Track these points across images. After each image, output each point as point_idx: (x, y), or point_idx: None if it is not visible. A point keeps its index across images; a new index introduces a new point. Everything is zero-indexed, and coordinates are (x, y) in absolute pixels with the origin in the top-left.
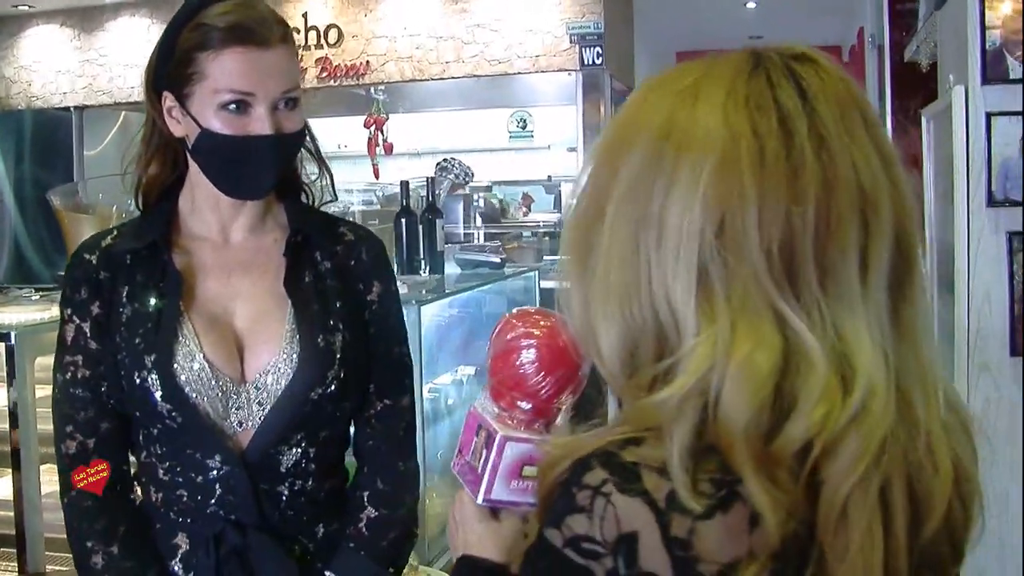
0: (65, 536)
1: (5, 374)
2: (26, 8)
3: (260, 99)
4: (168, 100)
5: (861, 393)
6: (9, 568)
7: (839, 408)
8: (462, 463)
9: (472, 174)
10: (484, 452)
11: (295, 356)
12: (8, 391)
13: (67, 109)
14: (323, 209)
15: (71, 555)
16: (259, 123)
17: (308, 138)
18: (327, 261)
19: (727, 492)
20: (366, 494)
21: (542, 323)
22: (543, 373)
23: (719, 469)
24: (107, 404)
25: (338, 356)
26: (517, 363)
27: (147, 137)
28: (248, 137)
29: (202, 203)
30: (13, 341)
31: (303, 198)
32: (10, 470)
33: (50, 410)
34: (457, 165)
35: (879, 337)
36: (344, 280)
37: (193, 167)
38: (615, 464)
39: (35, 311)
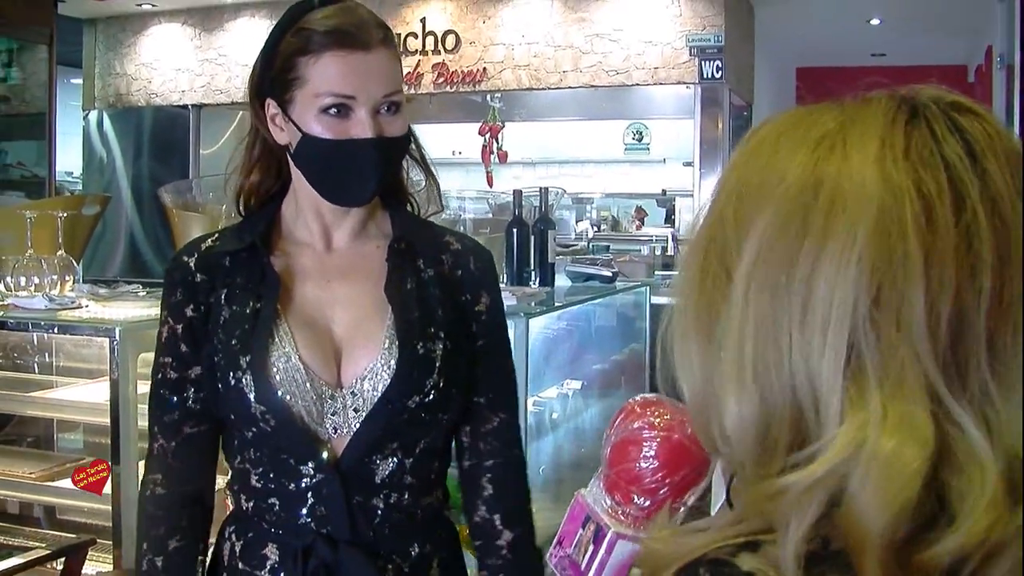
0: None
1: (109, 368)
2: (149, 7)
3: (361, 102)
4: (271, 107)
5: None
6: (105, 561)
7: (1006, 520)
8: (561, 555)
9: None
10: (591, 547)
11: (393, 362)
12: (111, 385)
13: (185, 107)
14: (431, 219)
15: None
16: (360, 127)
17: (414, 145)
18: (430, 269)
19: None
20: (497, 517)
21: (667, 415)
22: (665, 471)
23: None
24: (193, 408)
25: (438, 364)
26: (637, 457)
27: (250, 145)
28: (349, 141)
29: (305, 210)
30: (117, 337)
31: (408, 208)
32: (108, 463)
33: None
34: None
35: None
36: (448, 290)
37: (296, 174)
38: (727, 574)
39: (141, 307)
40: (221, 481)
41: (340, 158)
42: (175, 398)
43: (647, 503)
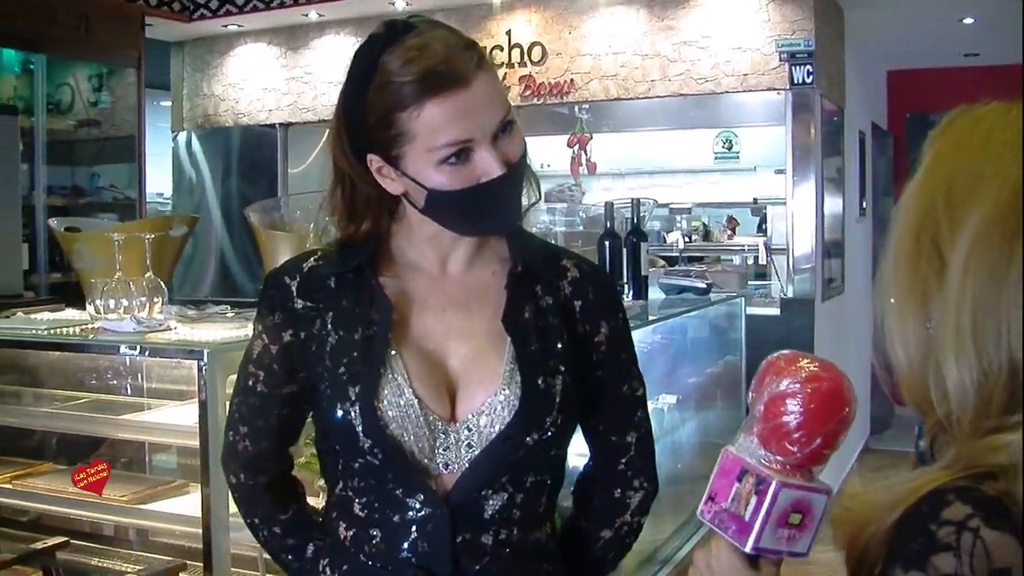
0: (251, 554)
1: (197, 390)
2: (235, 27)
3: (479, 140)
4: (375, 162)
5: None
6: None
7: None
8: (716, 510)
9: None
10: (754, 499)
11: (514, 398)
12: (199, 407)
13: (272, 126)
14: (529, 211)
15: (258, 574)
16: (487, 165)
17: None
18: (548, 296)
19: None
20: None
21: (814, 368)
22: (820, 421)
23: None
24: (282, 422)
25: (557, 400)
26: (793, 410)
27: (347, 195)
28: (481, 185)
29: (419, 239)
30: (206, 359)
31: None
32: (199, 486)
33: None
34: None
35: None
36: (567, 319)
37: (410, 209)
38: (977, 498)
39: (229, 328)
40: (313, 502)
41: (476, 202)
42: (263, 409)
43: (804, 451)
